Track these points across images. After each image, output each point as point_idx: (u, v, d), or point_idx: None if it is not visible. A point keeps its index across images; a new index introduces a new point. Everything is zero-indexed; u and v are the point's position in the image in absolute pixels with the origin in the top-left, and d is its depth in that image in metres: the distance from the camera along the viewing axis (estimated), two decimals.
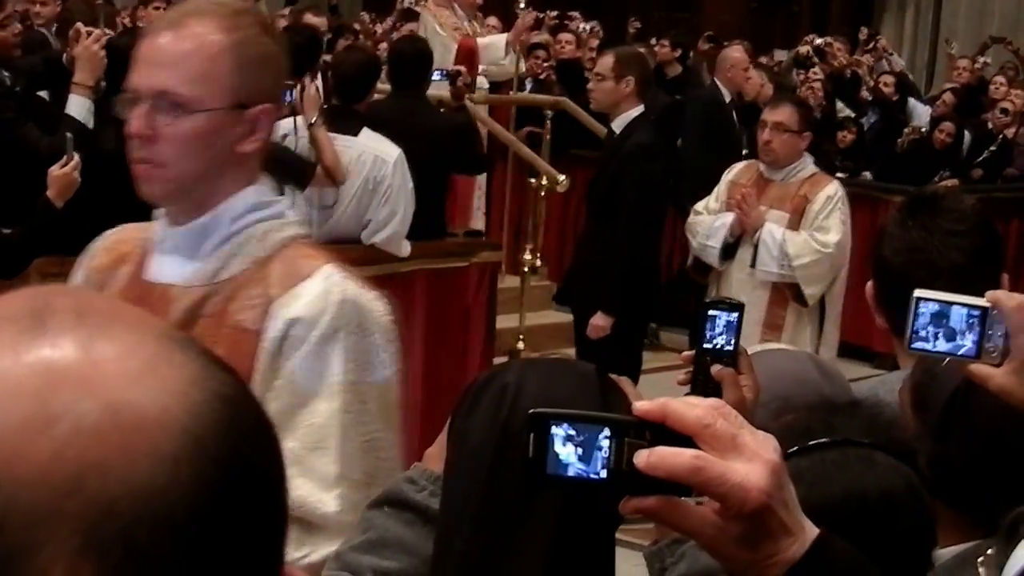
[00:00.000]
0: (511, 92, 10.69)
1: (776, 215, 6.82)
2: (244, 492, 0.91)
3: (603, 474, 1.29)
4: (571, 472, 1.29)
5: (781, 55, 14.52)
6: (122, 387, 0.88)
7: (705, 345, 2.26)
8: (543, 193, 9.54)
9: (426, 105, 7.80)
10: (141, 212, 2.94)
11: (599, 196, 7.27)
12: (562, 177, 9.28)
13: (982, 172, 12.08)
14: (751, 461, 1.28)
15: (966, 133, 12.47)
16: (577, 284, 7.58)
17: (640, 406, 1.30)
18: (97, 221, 5.51)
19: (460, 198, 10.07)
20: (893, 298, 2.24)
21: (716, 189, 7.11)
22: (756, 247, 6.83)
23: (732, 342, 2.25)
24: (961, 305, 2.09)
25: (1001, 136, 12.46)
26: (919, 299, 2.10)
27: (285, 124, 6.49)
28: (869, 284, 2.81)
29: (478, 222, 10.41)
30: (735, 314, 2.26)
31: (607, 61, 7.42)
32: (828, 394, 2.45)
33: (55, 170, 5.29)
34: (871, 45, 16.14)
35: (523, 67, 10.85)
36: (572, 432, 1.29)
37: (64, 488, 0.84)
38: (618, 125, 7.34)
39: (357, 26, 13.41)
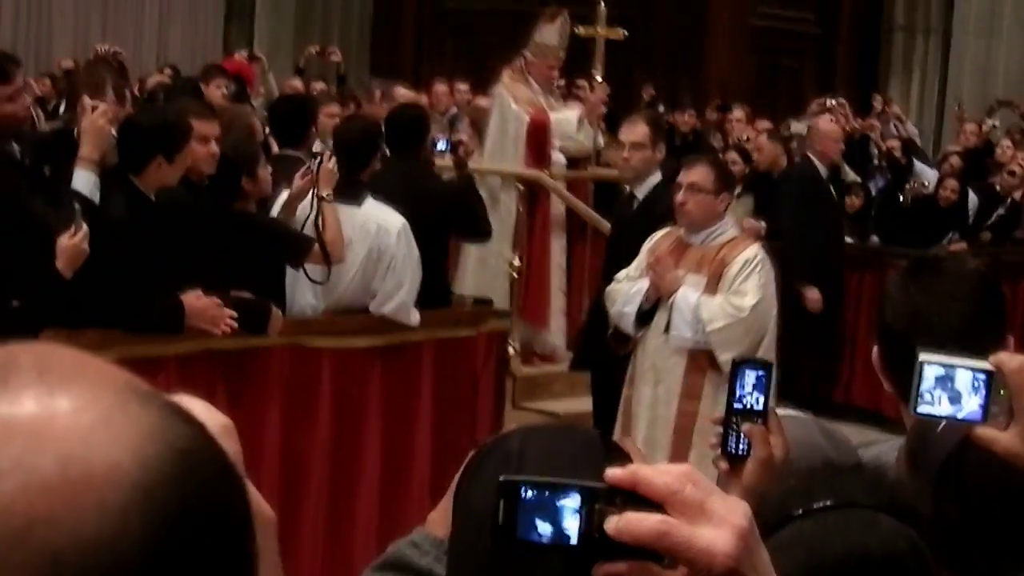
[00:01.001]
0: (589, 167, 10.51)
1: (693, 279, 6.62)
2: (199, 543, 0.93)
3: (574, 540, 1.30)
4: (542, 538, 1.31)
5: (799, 127, 14.51)
6: (74, 441, 0.90)
7: (735, 404, 2.27)
8: None
9: (423, 170, 7.80)
10: (149, 282, 2.95)
11: (625, 261, 7.09)
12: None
13: (991, 235, 12.07)
14: (719, 526, 1.29)
15: (972, 195, 12.46)
16: (598, 344, 7.43)
17: (611, 472, 1.31)
18: (105, 292, 5.58)
19: (536, 276, 9.89)
20: (897, 362, 2.24)
21: (638, 257, 6.88)
22: (670, 312, 6.63)
23: (762, 401, 2.26)
24: (966, 368, 2.09)
25: (1009, 199, 12.46)
26: (923, 363, 2.09)
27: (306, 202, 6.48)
28: (874, 349, 2.81)
29: (558, 300, 10.04)
30: (764, 372, 2.27)
31: (642, 130, 7.53)
32: (833, 458, 2.45)
33: (64, 240, 5.31)
34: (882, 110, 16.19)
35: (600, 141, 10.63)
36: (543, 498, 1.31)
37: (12, 540, 0.86)
38: (642, 191, 7.51)
39: (360, 95, 13.44)
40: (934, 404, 2.10)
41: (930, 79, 18.83)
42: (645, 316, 6.73)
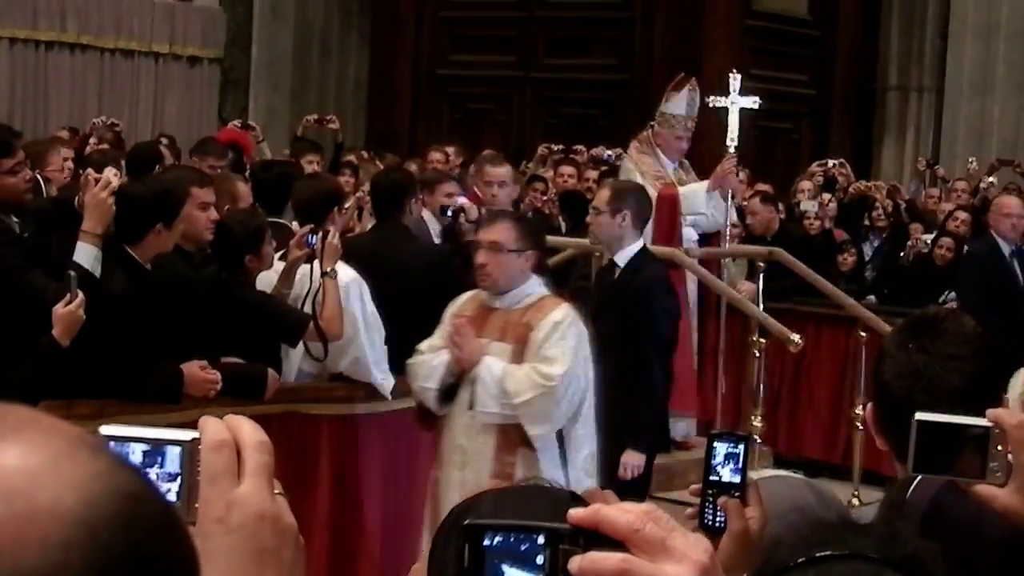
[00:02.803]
0: (722, 242, 10.18)
1: (498, 347, 6.06)
2: None
3: None
4: None
5: (807, 184, 14.54)
6: (20, 479, 0.94)
7: (712, 477, 2.26)
8: (757, 353, 9.22)
9: (402, 236, 7.69)
10: (148, 353, 2.95)
11: (609, 331, 6.92)
12: (796, 336, 8.90)
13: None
14: (680, 562, 1.31)
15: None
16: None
17: (574, 513, 1.33)
18: (103, 365, 5.58)
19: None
20: (894, 422, 2.23)
21: (440, 325, 6.33)
22: (474, 386, 6.04)
23: (739, 474, 2.25)
24: (963, 427, 2.08)
25: None
26: (920, 422, 2.08)
27: (303, 270, 6.49)
28: (869, 407, 2.80)
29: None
30: (741, 446, 2.27)
31: (604, 194, 7.42)
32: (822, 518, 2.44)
33: (60, 308, 5.33)
34: (926, 170, 16.40)
35: (733, 216, 10.26)
36: (507, 542, 1.32)
37: None
38: (621, 259, 7.33)
39: (354, 159, 13.46)
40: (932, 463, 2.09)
41: (924, 139, 18.88)
42: (450, 391, 6.17)
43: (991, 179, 15.11)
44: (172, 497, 1.31)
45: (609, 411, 6.57)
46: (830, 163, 15.37)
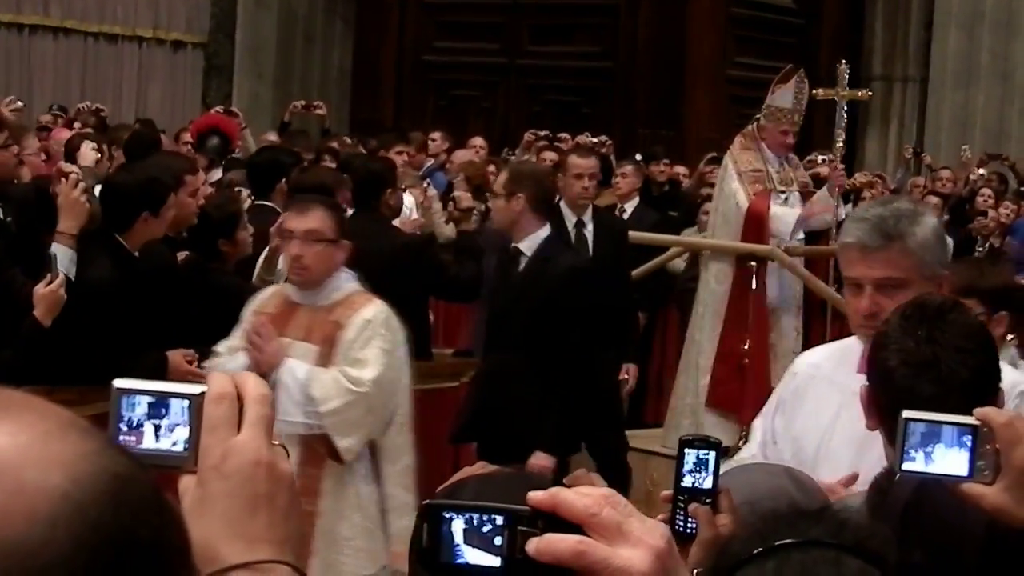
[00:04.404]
0: (830, 243, 9.36)
1: (302, 348, 5.45)
2: (125, 561, 0.96)
3: (497, 562, 1.34)
4: (465, 560, 1.34)
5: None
6: (8, 456, 0.95)
7: (682, 483, 2.27)
8: None
9: (379, 224, 7.57)
10: (129, 344, 2.94)
11: (520, 326, 6.55)
12: None
13: None
14: (636, 547, 1.33)
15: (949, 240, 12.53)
16: (485, 423, 6.69)
17: (533, 496, 1.35)
18: (88, 352, 5.56)
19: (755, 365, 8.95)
20: (894, 410, 2.21)
21: (240, 322, 5.69)
22: (275, 391, 5.15)
23: (710, 480, 2.25)
24: (951, 424, 2.07)
25: (988, 244, 12.57)
26: (908, 420, 2.08)
27: (283, 260, 6.46)
28: (863, 388, 2.78)
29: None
30: (712, 452, 2.27)
31: (501, 177, 7.00)
32: (801, 504, 2.43)
33: (40, 288, 5.31)
34: (913, 159, 16.45)
35: (842, 214, 9.50)
36: (467, 522, 1.35)
37: None
38: (526, 247, 6.76)
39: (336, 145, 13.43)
40: (919, 462, 2.09)
41: (907, 129, 18.91)
42: None
43: (981, 171, 15.16)
44: (179, 448, 1.39)
45: (520, 416, 6.26)
46: (819, 158, 15.34)
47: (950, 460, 2.08)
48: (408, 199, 9.53)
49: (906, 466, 2.09)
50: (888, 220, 3.50)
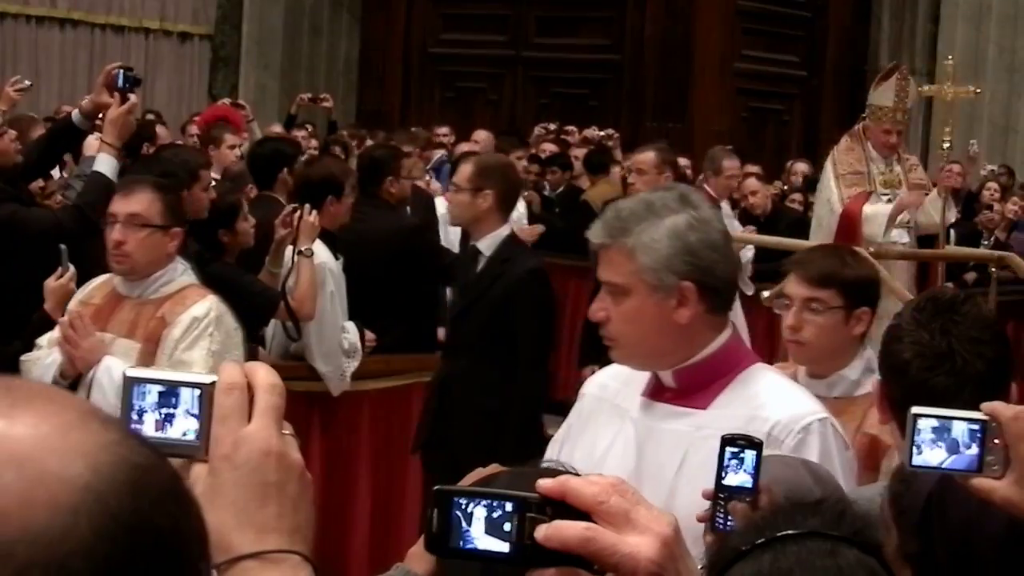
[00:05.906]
0: (942, 245, 9.24)
1: (124, 346, 5.03)
2: (145, 551, 0.98)
3: (506, 548, 1.36)
4: (475, 545, 1.37)
5: (802, 167, 14.51)
6: (30, 445, 0.96)
7: (724, 481, 2.28)
8: None
9: (378, 210, 7.51)
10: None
11: (475, 332, 6.20)
12: None
13: (976, 275, 12.11)
14: (643, 534, 1.35)
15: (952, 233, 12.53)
16: (443, 429, 6.26)
17: (542, 483, 1.37)
18: None
19: None
20: (908, 403, 2.22)
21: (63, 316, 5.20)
22: (89, 392, 4.90)
23: (751, 479, 2.26)
24: (960, 420, 2.08)
25: (994, 238, 12.56)
26: (917, 416, 2.09)
27: (288, 252, 6.40)
28: (876, 382, 2.77)
29: None
30: (754, 452, 2.28)
31: (466, 170, 6.31)
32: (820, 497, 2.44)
33: (51, 282, 5.32)
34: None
35: (951, 217, 9.42)
36: (477, 508, 1.37)
37: None
38: (485, 246, 6.22)
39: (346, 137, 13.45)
40: (929, 457, 2.10)
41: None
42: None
43: (991, 167, 15.17)
44: (190, 437, 1.40)
45: (480, 423, 6.00)
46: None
47: (959, 455, 2.09)
48: (520, 206, 9.42)
49: (916, 461, 2.09)
50: (621, 214, 3.03)
